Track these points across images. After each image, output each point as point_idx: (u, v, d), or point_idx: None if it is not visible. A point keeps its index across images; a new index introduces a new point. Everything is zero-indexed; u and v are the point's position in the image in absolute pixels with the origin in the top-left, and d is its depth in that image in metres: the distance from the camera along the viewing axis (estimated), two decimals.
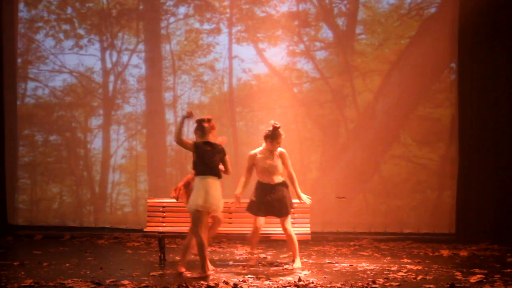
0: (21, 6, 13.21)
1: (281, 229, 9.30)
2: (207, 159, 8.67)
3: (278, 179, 9.28)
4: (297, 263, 9.27)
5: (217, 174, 8.70)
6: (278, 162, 9.27)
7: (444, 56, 12.57)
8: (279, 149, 9.32)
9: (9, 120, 12.96)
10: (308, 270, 9.02)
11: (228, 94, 12.99)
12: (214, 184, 8.63)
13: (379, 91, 12.70)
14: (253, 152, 9.38)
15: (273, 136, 9.23)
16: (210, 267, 8.71)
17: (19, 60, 13.21)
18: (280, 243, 11.22)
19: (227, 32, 12.97)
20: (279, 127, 9.23)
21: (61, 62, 13.16)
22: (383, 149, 12.67)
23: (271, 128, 9.25)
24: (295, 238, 9.24)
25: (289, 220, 9.25)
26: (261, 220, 9.24)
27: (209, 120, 8.87)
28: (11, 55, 13.06)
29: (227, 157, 8.87)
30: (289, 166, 9.31)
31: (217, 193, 8.62)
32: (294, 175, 9.33)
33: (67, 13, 13.23)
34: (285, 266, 9.41)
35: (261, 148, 9.37)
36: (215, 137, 9.03)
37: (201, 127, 8.81)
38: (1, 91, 12.83)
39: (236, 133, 12.93)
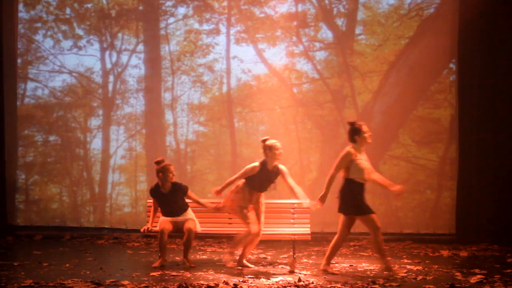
0: (20, 6, 13.21)
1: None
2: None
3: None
4: None
5: None
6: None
7: (443, 56, 12.58)
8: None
9: (9, 120, 12.96)
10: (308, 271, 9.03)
11: (228, 95, 12.99)
12: None
13: (378, 91, 12.71)
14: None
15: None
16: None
17: (19, 61, 13.21)
18: (280, 243, 11.23)
19: (226, 33, 12.98)
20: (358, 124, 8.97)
21: (60, 62, 13.17)
22: (382, 149, 12.67)
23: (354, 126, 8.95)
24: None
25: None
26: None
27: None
28: (11, 55, 13.07)
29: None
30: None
31: None
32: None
33: (66, 14, 13.23)
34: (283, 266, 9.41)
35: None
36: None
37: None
38: (1, 91, 12.83)
39: (234, 134, 12.93)
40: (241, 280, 8.23)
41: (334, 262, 9.82)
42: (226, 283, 7.98)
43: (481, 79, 12.05)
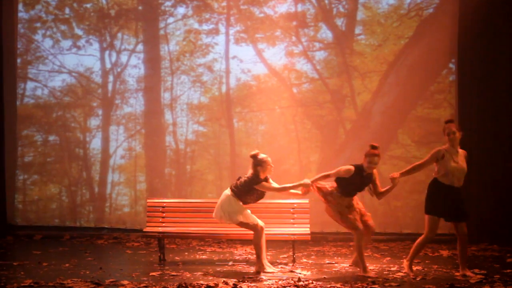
0: (20, 6, 13.21)
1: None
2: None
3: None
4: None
5: None
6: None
7: (443, 56, 12.58)
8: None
9: (8, 120, 12.97)
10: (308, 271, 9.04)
11: (227, 95, 12.99)
12: None
13: (377, 91, 12.71)
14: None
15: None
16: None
17: (18, 60, 13.21)
18: (280, 244, 11.23)
19: (225, 33, 12.98)
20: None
21: (60, 62, 13.16)
22: (381, 149, 12.64)
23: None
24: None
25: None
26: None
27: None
28: (11, 55, 13.07)
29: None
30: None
31: None
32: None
33: (65, 14, 13.23)
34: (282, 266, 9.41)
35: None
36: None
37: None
38: (1, 91, 12.83)
39: (233, 134, 12.93)
40: (240, 280, 8.23)
41: (334, 262, 9.84)
42: (226, 283, 7.99)
43: (481, 79, 12.06)
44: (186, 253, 10.82)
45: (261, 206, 9.49)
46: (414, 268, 9.16)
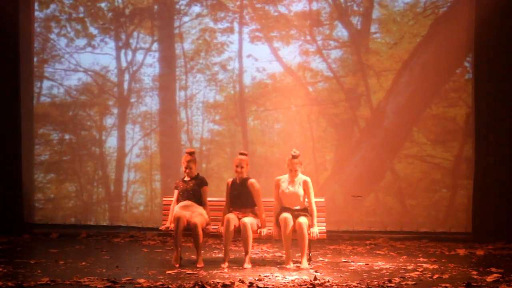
0: (36, 5, 13.27)
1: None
2: None
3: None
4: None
5: None
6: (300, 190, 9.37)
7: (458, 54, 12.52)
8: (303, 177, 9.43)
9: (25, 119, 13.03)
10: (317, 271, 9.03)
11: (240, 94, 13.00)
12: None
13: (392, 89, 12.67)
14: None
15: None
16: None
17: (35, 59, 13.28)
18: (296, 242, 11.20)
19: (239, 31, 12.99)
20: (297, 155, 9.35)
21: (76, 61, 13.22)
22: (396, 148, 12.65)
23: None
24: None
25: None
26: None
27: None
28: (28, 54, 13.14)
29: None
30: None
31: None
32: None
33: (80, 12, 13.28)
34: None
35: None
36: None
37: None
38: (18, 90, 12.90)
39: (246, 132, 12.94)
40: (256, 279, 8.23)
41: (350, 261, 9.82)
42: (242, 281, 7.98)
43: (498, 77, 11.96)
44: (202, 251, 10.82)
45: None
46: (431, 266, 9.15)
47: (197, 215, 9.41)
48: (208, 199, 9.80)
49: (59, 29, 13.29)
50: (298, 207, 9.36)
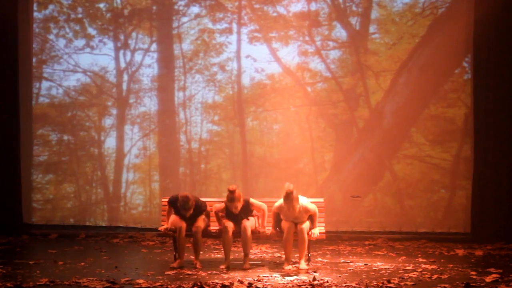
0: (35, 5, 13.26)
1: None
2: None
3: None
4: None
5: None
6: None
7: (457, 55, 12.53)
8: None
9: (24, 119, 13.02)
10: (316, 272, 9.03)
11: (239, 94, 13.00)
12: None
13: (391, 90, 12.67)
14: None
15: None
16: None
17: (33, 60, 13.27)
18: (295, 243, 11.19)
19: (237, 32, 12.99)
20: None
21: (75, 61, 13.22)
22: (394, 148, 12.65)
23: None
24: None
25: None
26: None
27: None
28: (26, 54, 13.13)
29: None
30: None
31: None
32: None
33: (78, 13, 13.27)
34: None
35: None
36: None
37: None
38: (17, 90, 12.89)
39: (244, 133, 12.93)
40: (255, 279, 8.23)
41: (349, 261, 9.82)
42: (241, 282, 7.99)
43: (497, 77, 11.97)
44: (201, 252, 10.82)
45: None
46: (430, 267, 9.16)
47: (201, 220, 9.42)
48: (208, 199, 9.83)
49: (57, 29, 13.29)
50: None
